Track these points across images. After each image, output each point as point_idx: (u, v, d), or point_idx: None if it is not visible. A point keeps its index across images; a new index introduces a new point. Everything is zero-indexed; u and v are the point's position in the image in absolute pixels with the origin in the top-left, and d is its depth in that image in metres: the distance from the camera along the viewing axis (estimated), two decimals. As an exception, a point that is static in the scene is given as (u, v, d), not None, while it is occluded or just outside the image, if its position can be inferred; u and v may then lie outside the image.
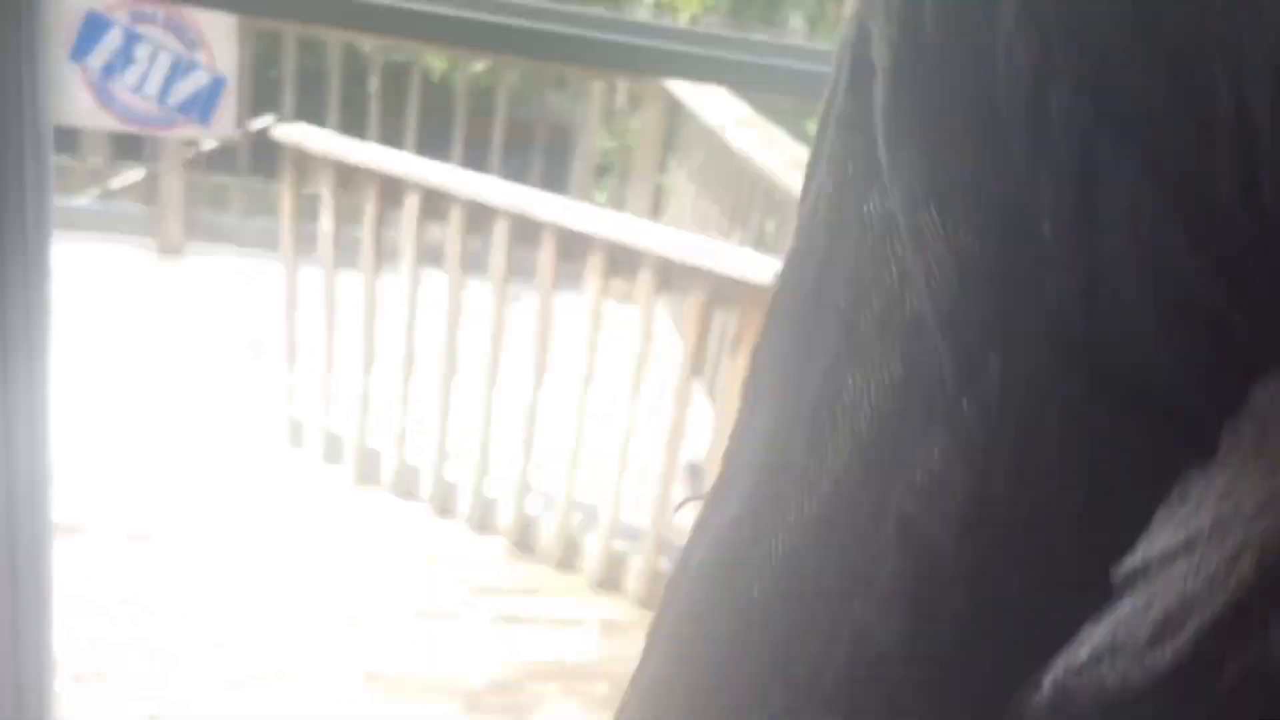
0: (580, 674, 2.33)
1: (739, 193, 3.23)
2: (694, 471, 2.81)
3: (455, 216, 2.54)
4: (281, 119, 3.50)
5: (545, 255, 2.46)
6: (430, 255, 2.66)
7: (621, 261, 2.40)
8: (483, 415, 2.65)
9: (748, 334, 2.33)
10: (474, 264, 2.58)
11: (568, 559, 2.64)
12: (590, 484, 2.69)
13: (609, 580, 2.60)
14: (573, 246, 2.44)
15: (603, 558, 2.59)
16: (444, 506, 2.76)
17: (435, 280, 2.64)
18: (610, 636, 2.47)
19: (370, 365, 2.76)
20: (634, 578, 2.58)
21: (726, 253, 2.41)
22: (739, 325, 2.37)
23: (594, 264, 2.41)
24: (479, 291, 2.61)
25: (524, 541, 2.68)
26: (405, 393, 2.73)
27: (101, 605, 2.22)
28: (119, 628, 2.19)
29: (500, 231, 2.50)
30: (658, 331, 2.64)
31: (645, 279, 2.37)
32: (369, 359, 2.75)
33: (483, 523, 2.72)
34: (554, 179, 4.31)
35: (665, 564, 2.56)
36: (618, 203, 4.50)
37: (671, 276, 2.36)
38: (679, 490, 2.57)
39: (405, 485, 2.80)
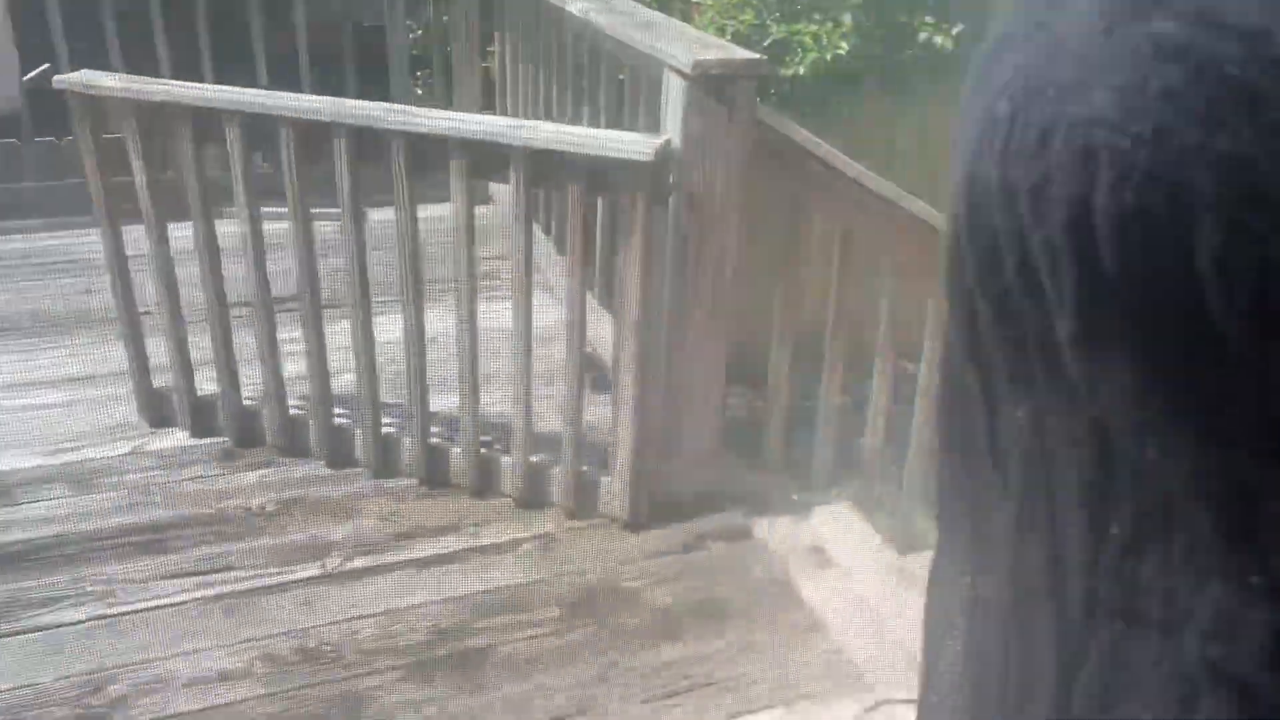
0: (526, 601, 2.22)
1: (579, 64, 3.02)
2: (593, 363, 2.69)
3: (287, 142, 2.29)
4: (57, 70, 3.11)
5: (398, 168, 2.24)
6: (267, 189, 2.40)
7: (485, 163, 2.21)
8: (363, 351, 2.45)
9: (633, 219, 2.18)
10: (319, 191, 2.35)
11: (485, 484, 2.51)
12: (493, 402, 2.55)
13: (533, 497, 2.48)
14: (427, 156, 2.23)
15: (522, 475, 2.47)
16: (340, 456, 2.57)
17: (277, 216, 2.39)
18: (547, 554, 2.36)
19: (223, 320, 2.51)
20: (558, 488, 2.47)
21: (597, 136, 2.24)
22: (621, 210, 2.22)
23: (456, 169, 2.21)
24: (328, 221, 2.38)
25: (435, 476, 2.53)
26: (270, 342, 2.50)
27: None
28: None
29: (341, 151, 2.26)
30: (535, 234, 2.47)
31: (516, 177, 2.18)
32: (220, 313, 2.50)
33: (386, 465, 2.55)
34: (374, 83, 3.99)
35: (587, 469, 2.46)
36: (443, 98, 4.21)
37: (544, 170, 2.18)
38: (586, 386, 2.44)
39: (293, 442, 2.59)
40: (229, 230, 2.44)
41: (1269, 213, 0.23)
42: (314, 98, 2.44)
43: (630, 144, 2.15)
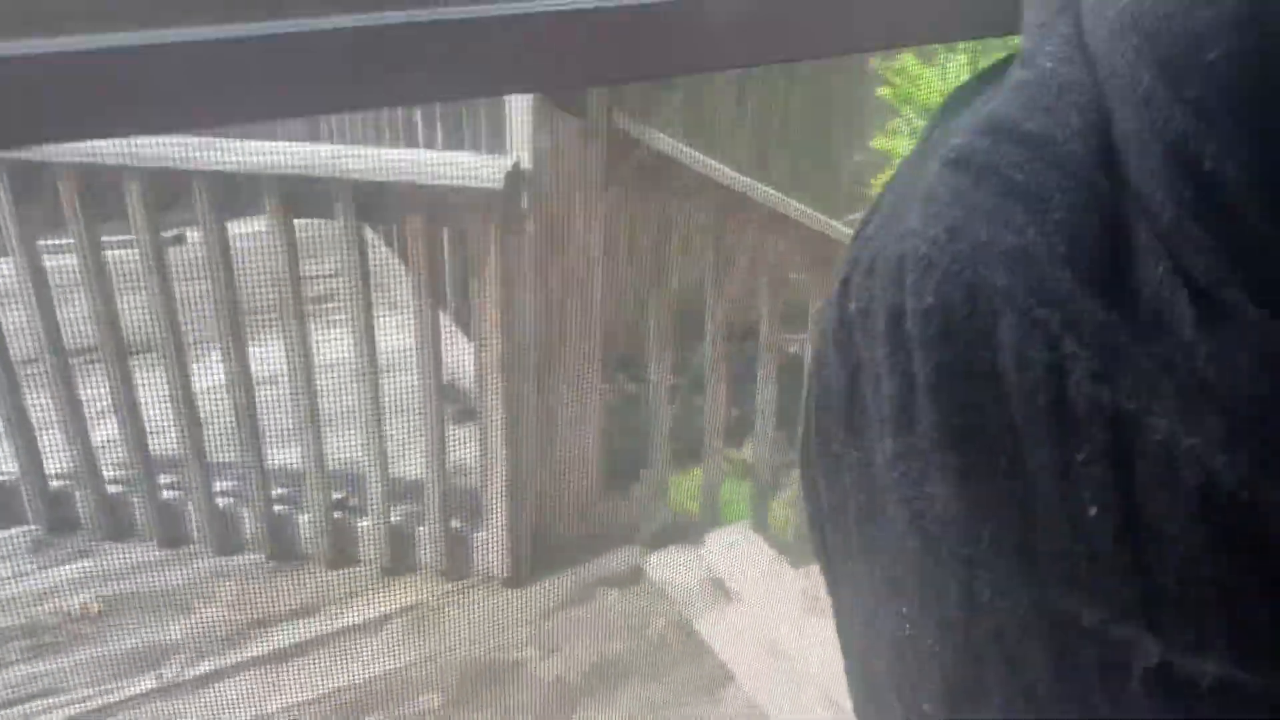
0: (403, 689, 1.97)
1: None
2: (453, 392, 2.44)
3: (65, 187, 1.93)
4: None
5: (202, 210, 1.92)
6: (44, 218, 2.05)
7: (307, 200, 1.90)
8: (183, 404, 2.13)
9: (485, 247, 1.92)
10: (107, 217, 2.00)
11: (342, 552, 2.23)
12: (343, 448, 2.26)
13: (399, 561, 2.22)
14: (239, 192, 1.92)
15: (383, 537, 2.20)
16: (172, 535, 2.25)
17: (59, 249, 2.04)
18: (422, 629, 2.11)
19: (10, 381, 2.14)
20: (426, 548, 2.21)
21: (436, 162, 1.95)
22: (468, 237, 1.96)
23: (273, 209, 1.90)
24: (122, 249, 2.05)
25: (283, 548, 2.23)
26: (72, 404, 2.15)
27: None
28: None
29: (134, 194, 1.92)
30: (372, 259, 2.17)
31: (344, 212, 1.89)
32: (3, 374, 2.13)
33: (226, 541, 2.24)
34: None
35: (457, 524, 2.21)
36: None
37: (377, 202, 1.90)
38: (448, 421, 2.18)
39: (115, 522, 2.26)
40: None
41: (1058, 309, 0.25)
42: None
43: (476, 168, 1.88)
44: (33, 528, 2.27)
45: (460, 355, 2.55)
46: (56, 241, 2.13)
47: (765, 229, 2.21)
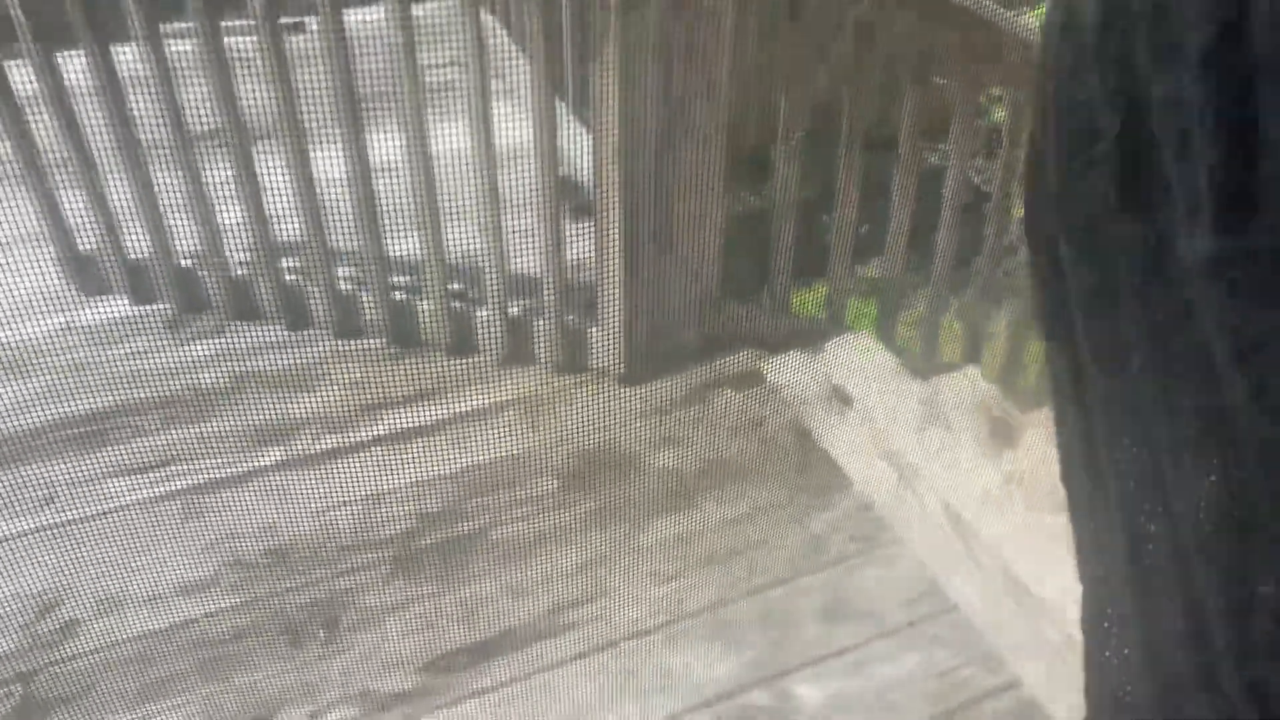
0: (517, 475, 2.00)
1: None
2: (568, 186, 2.38)
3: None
4: None
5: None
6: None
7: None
8: (301, 190, 2.12)
9: (602, 25, 1.81)
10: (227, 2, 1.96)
11: (460, 341, 2.24)
12: (460, 240, 2.24)
13: (515, 353, 2.22)
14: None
15: (501, 329, 2.19)
16: (296, 317, 2.29)
17: (178, 34, 2.02)
18: (536, 419, 2.12)
19: (140, 165, 2.16)
20: (542, 342, 2.20)
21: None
22: (589, 17, 1.85)
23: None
24: (239, 36, 2.01)
25: (403, 334, 2.25)
26: (197, 188, 2.17)
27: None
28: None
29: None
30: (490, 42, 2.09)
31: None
32: (135, 157, 2.15)
33: (347, 325, 2.27)
34: None
35: (573, 318, 2.18)
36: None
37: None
38: (565, 217, 2.13)
39: (242, 304, 2.30)
40: (123, 57, 2.06)
41: None
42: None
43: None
44: (165, 306, 2.34)
45: (578, 148, 2.47)
46: (180, 25, 2.10)
47: (920, 15, 2.03)
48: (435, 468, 2.00)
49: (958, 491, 1.93)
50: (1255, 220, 0.19)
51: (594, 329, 2.17)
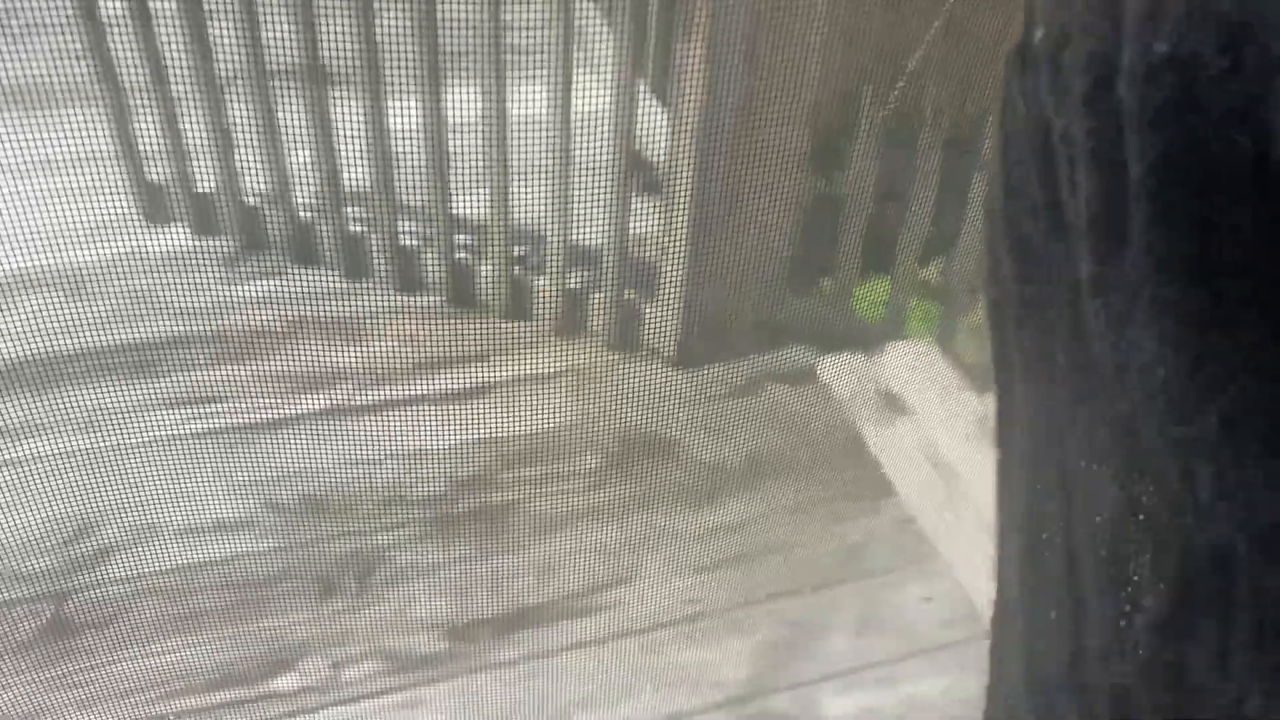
0: (559, 447, 1.98)
1: None
2: (639, 161, 2.34)
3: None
4: None
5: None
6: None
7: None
8: (374, 139, 2.11)
9: (692, 2, 1.77)
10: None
11: (516, 305, 2.21)
12: (524, 205, 2.22)
13: (568, 322, 2.19)
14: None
15: (557, 297, 2.17)
16: (356, 267, 2.28)
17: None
18: (583, 392, 2.10)
19: (213, 96, 2.15)
20: (597, 314, 2.17)
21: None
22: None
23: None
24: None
25: (461, 294, 2.23)
26: (269, 125, 2.16)
27: None
28: None
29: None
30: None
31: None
32: (209, 88, 2.14)
33: (406, 279, 2.26)
34: None
35: (631, 294, 2.15)
36: None
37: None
38: (632, 191, 2.10)
39: (303, 247, 2.30)
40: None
41: None
42: None
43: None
44: (229, 241, 2.34)
45: (653, 124, 2.43)
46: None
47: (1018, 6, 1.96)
48: (477, 432, 1.98)
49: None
50: (1124, 251, 0.21)
51: (650, 307, 2.14)
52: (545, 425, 2.02)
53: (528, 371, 2.12)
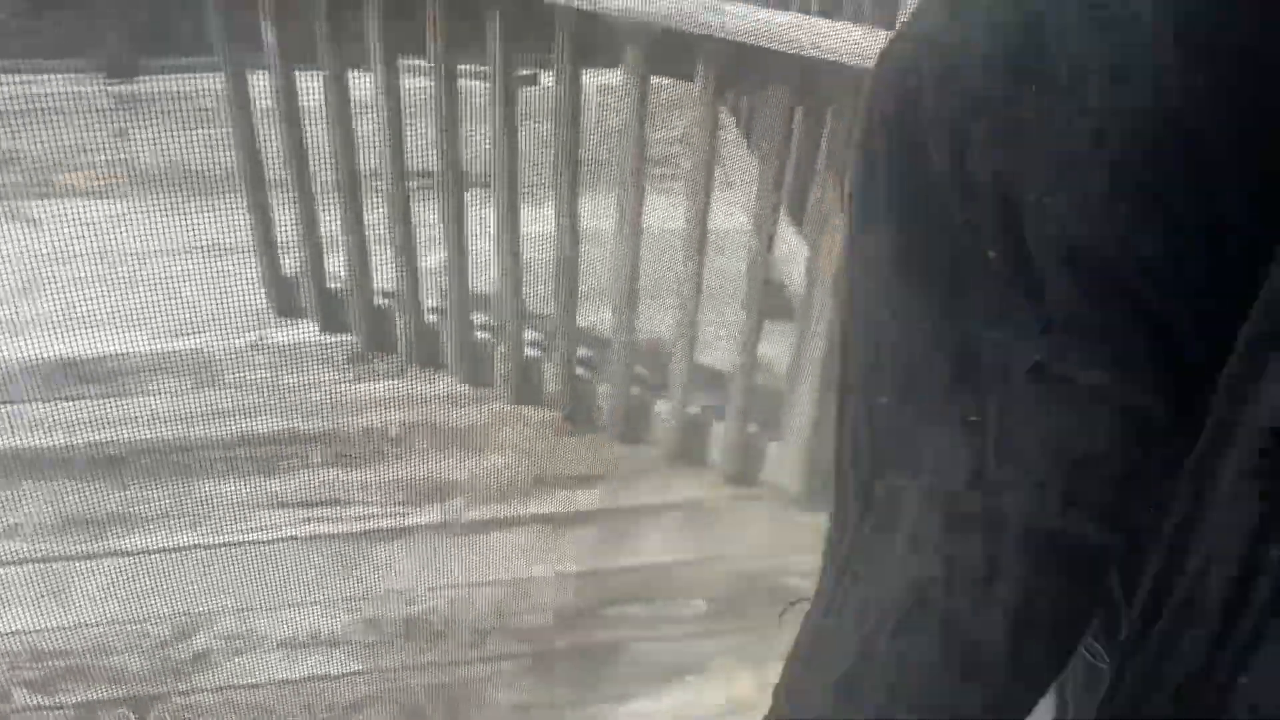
0: (670, 585, 1.88)
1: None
2: (771, 288, 2.26)
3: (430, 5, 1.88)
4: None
5: (558, 50, 1.81)
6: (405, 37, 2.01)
7: (665, 53, 1.75)
8: (506, 250, 2.08)
9: (845, 137, 1.70)
10: (466, 47, 1.94)
11: (634, 429, 2.14)
12: (650, 321, 2.16)
13: (687, 452, 2.11)
14: (594, 36, 1.79)
15: (678, 425, 2.09)
16: (477, 375, 2.25)
17: (414, 70, 2.01)
18: (698, 527, 2.00)
19: (354, 196, 2.16)
20: (718, 446, 2.08)
21: (812, 28, 1.72)
22: (831, 124, 1.75)
23: (630, 59, 1.76)
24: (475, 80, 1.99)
25: (578, 412, 2.18)
26: (405, 229, 2.15)
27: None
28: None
29: (494, 21, 1.84)
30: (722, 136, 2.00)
31: (703, 73, 1.72)
32: (351, 187, 2.15)
33: (525, 392, 2.21)
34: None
35: (755, 429, 2.06)
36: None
37: (740, 64, 1.71)
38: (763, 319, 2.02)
39: (426, 351, 2.28)
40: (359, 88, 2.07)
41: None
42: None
43: (852, 41, 1.64)
44: (353, 339, 2.34)
45: (785, 246, 2.36)
46: (415, 62, 2.09)
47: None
48: (585, 560, 1.91)
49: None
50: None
51: (775, 442, 2.04)
52: (654, 560, 1.93)
53: (641, 501, 2.04)
